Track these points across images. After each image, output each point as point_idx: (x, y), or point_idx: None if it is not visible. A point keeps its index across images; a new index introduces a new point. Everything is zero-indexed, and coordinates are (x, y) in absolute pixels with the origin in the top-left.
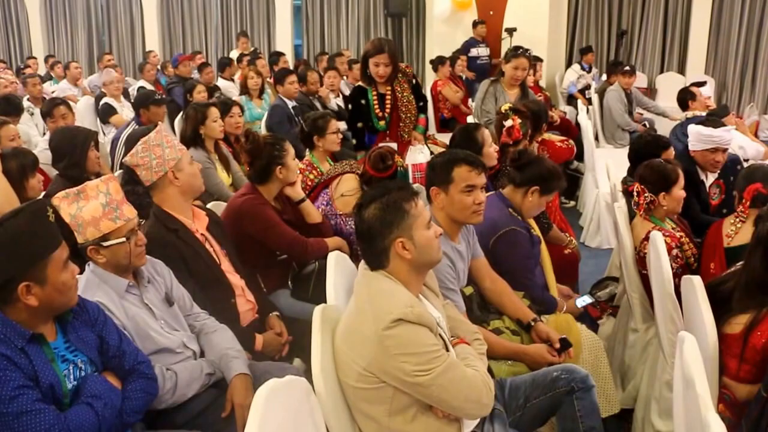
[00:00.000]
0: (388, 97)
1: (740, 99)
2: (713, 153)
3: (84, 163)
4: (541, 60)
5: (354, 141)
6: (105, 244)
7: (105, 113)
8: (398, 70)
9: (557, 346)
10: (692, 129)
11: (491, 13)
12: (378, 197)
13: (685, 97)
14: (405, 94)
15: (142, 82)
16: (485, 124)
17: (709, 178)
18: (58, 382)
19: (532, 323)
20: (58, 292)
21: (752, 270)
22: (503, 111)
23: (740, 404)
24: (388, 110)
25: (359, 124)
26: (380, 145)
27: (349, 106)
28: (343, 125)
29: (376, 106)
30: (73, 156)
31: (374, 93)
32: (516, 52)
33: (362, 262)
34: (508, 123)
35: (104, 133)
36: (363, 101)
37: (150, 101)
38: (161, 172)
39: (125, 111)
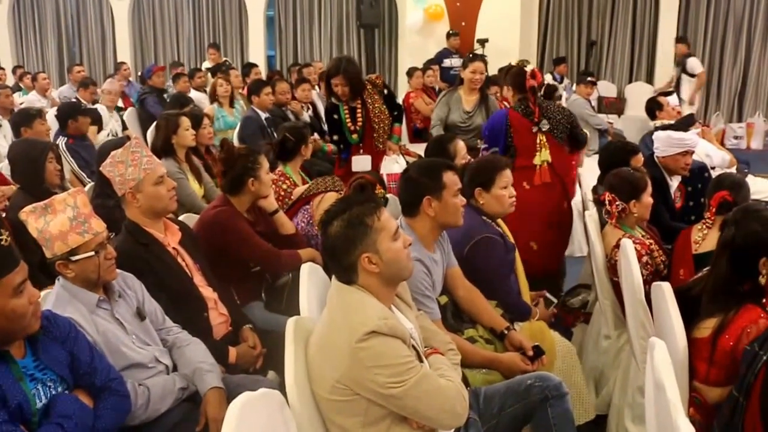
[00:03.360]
0: (359, 110)
1: (706, 108)
2: (684, 156)
3: (42, 176)
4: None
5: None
6: (73, 258)
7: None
8: (360, 88)
9: (530, 354)
10: (661, 135)
11: (463, 24)
12: (340, 213)
13: (652, 107)
14: (377, 105)
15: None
16: (432, 126)
17: (673, 182)
18: (27, 401)
19: (506, 332)
20: (7, 320)
21: (719, 274)
22: (517, 63)
23: (711, 407)
24: (359, 124)
25: (335, 137)
26: (357, 169)
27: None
28: (316, 135)
29: (348, 121)
30: (31, 169)
31: (345, 108)
32: (472, 57)
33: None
34: (529, 68)
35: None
36: (336, 116)
37: (77, 112)
38: (122, 190)
39: (112, 122)
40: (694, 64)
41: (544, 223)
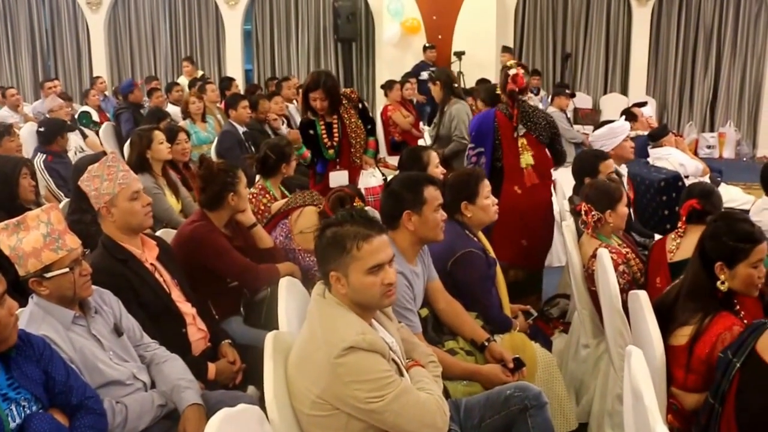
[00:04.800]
0: (335, 125)
1: (680, 118)
2: (627, 141)
3: (16, 192)
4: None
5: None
6: (47, 275)
7: None
8: (338, 102)
9: (511, 365)
10: (600, 132)
11: (440, 37)
12: (334, 224)
13: (627, 118)
14: (353, 120)
15: (86, 108)
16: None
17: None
18: (0, 421)
19: (486, 344)
20: None
21: (692, 280)
22: (508, 65)
23: (688, 413)
24: (336, 139)
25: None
26: (335, 185)
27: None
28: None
29: (324, 136)
30: (4, 185)
31: (322, 123)
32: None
33: (315, 287)
34: (512, 72)
35: None
36: (311, 132)
37: (65, 129)
38: (98, 205)
39: (73, 138)
40: None
41: (535, 222)
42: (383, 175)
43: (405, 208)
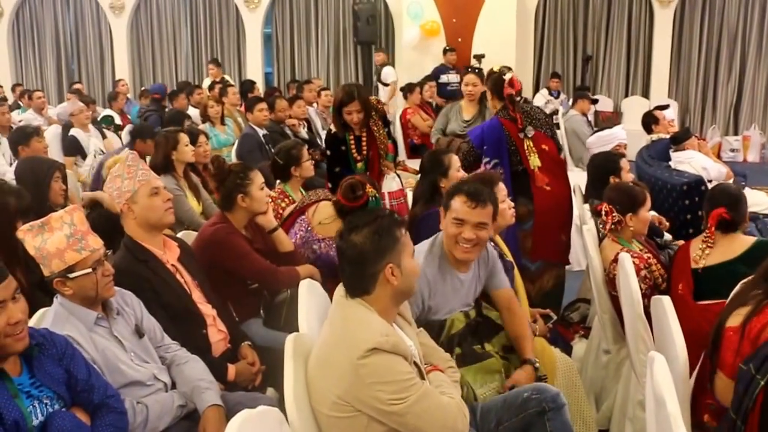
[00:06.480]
0: (365, 138)
1: (702, 121)
2: (618, 149)
3: (47, 195)
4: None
5: (330, 185)
6: (71, 275)
7: (71, 148)
8: (371, 113)
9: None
10: (591, 140)
11: (459, 40)
12: (370, 222)
13: (649, 121)
14: (381, 132)
15: (109, 111)
16: (432, 138)
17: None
18: (23, 418)
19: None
20: None
21: None
22: (498, 69)
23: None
24: (364, 152)
25: (337, 169)
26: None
27: (328, 152)
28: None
29: (354, 151)
30: (36, 187)
31: (351, 137)
32: (465, 70)
33: (337, 289)
34: (508, 76)
35: (76, 164)
36: (343, 147)
37: (147, 135)
38: (120, 203)
39: (93, 140)
40: (388, 72)
41: (567, 214)
42: (399, 178)
43: (442, 204)
